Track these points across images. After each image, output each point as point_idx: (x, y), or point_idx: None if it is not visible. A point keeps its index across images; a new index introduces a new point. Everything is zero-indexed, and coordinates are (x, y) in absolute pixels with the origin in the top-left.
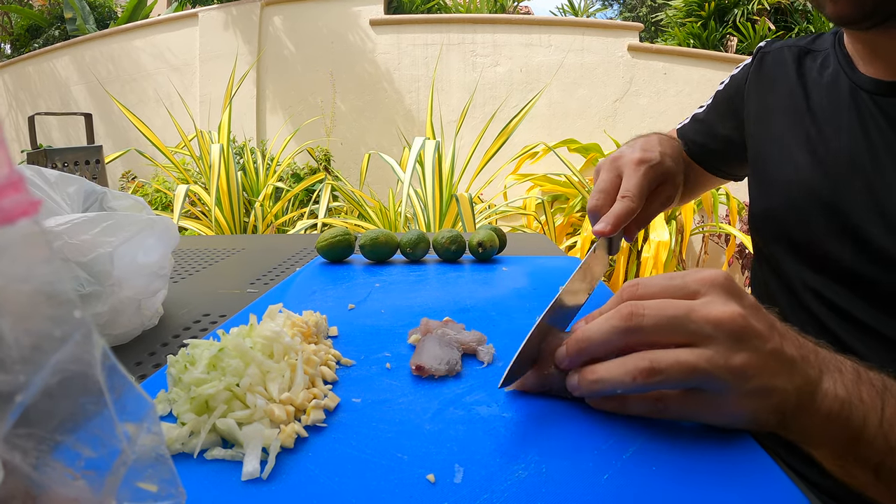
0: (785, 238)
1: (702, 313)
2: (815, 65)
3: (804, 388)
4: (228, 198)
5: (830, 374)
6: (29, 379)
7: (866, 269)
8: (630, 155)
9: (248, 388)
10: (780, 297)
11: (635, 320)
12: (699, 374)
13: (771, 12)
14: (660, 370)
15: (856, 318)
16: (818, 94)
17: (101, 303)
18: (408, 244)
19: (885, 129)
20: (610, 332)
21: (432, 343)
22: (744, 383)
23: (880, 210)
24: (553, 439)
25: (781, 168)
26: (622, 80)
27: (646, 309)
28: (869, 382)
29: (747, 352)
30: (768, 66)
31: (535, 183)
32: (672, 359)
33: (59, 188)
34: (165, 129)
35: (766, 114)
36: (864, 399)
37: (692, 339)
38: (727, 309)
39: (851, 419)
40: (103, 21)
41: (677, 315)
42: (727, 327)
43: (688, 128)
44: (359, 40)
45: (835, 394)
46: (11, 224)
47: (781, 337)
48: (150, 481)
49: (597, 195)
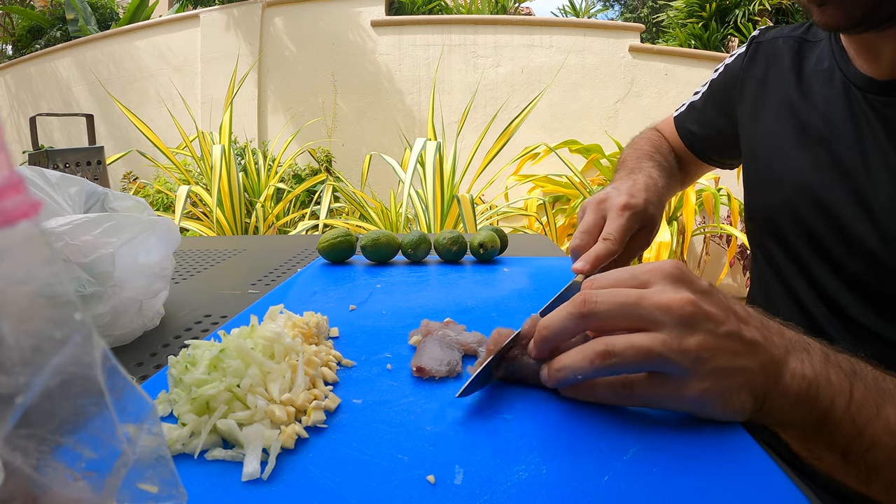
0: (778, 233)
1: (652, 300)
2: (812, 56)
3: (770, 368)
4: (230, 199)
5: (797, 353)
6: (29, 381)
7: (855, 266)
8: (616, 199)
9: (248, 388)
10: (773, 290)
11: (588, 306)
12: (654, 357)
13: (772, 13)
14: (615, 353)
15: (850, 316)
16: (813, 88)
17: (103, 304)
18: (409, 245)
19: (877, 128)
20: (566, 318)
21: (433, 344)
22: (700, 365)
23: (867, 209)
24: (553, 441)
25: (774, 164)
26: (623, 81)
27: (598, 297)
28: (837, 365)
29: (700, 334)
30: (762, 58)
31: (537, 184)
32: (626, 342)
33: (60, 189)
34: (167, 129)
35: (758, 109)
36: (832, 381)
37: (644, 324)
38: (676, 295)
39: (819, 400)
40: (105, 22)
41: (628, 302)
42: (676, 313)
43: (684, 116)
44: (360, 41)
45: (802, 373)
46: (12, 226)
47: (739, 319)
48: (151, 482)
49: (580, 235)
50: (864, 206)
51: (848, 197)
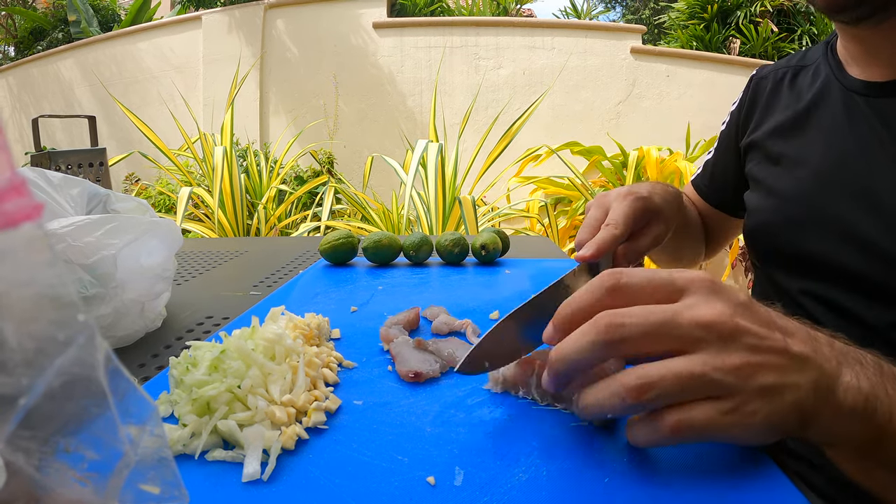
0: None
1: (688, 316)
2: (806, 77)
3: (821, 382)
4: (231, 200)
5: (850, 366)
6: (32, 382)
7: (867, 269)
8: (618, 190)
9: (249, 389)
10: (778, 303)
11: (616, 332)
12: (697, 381)
13: (774, 14)
14: (651, 384)
15: (863, 320)
16: (809, 104)
17: (105, 305)
18: (411, 247)
19: (879, 128)
20: (588, 348)
21: (407, 348)
22: (748, 382)
23: (877, 209)
24: (553, 442)
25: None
26: (625, 83)
27: (625, 317)
28: (893, 377)
29: (743, 350)
30: (762, 89)
31: (539, 185)
32: (663, 370)
33: (62, 190)
34: (169, 131)
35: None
36: (889, 394)
37: (681, 344)
38: (715, 309)
39: (877, 415)
40: (107, 23)
41: (663, 321)
42: (717, 328)
43: (700, 175)
44: (361, 43)
45: (857, 387)
46: (14, 228)
47: (785, 333)
48: (153, 483)
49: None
50: (872, 206)
51: (854, 199)
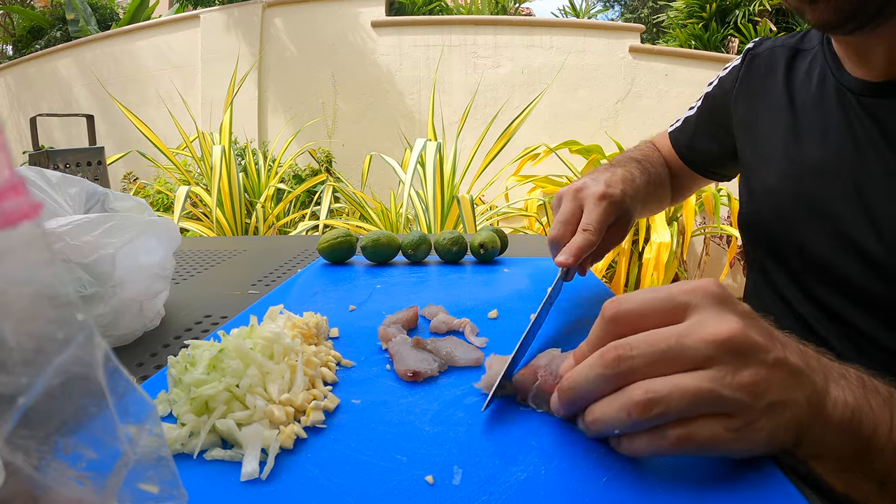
0: (770, 242)
1: (697, 335)
2: (803, 65)
3: (813, 399)
4: (230, 199)
5: (836, 381)
6: (31, 381)
7: (855, 272)
8: (593, 188)
9: (247, 388)
10: (769, 300)
11: (625, 363)
12: (704, 397)
13: (772, 13)
14: (658, 400)
15: (849, 322)
16: (805, 97)
17: (103, 304)
18: (409, 245)
19: (872, 130)
20: (597, 381)
21: (405, 347)
22: (758, 399)
23: (868, 212)
24: (552, 441)
25: (767, 174)
26: (623, 82)
27: (633, 349)
28: (875, 390)
29: (754, 367)
30: (757, 69)
31: (537, 184)
32: (669, 386)
33: (60, 189)
34: (167, 130)
35: (753, 121)
36: (872, 407)
37: (692, 365)
38: (724, 325)
39: (862, 428)
40: (105, 22)
41: (668, 347)
42: (728, 345)
43: (679, 130)
44: (360, 42)
45: (844, 401)
46: (13, 227)
47: (783, 346)
48: (152, 483)
49: (558, 226)
50: (862, 208)
51: (847, 201)
